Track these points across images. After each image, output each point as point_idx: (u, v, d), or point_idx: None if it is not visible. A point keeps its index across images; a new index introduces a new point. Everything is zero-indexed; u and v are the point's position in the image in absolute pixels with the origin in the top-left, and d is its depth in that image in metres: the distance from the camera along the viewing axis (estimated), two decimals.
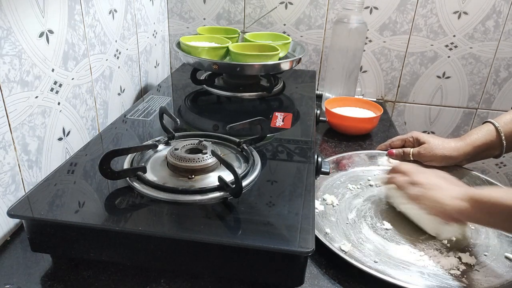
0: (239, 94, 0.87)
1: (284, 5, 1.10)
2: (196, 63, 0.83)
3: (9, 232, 0.58)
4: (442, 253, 0.56)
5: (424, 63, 1.14)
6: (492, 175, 1.25)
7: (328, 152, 0.84)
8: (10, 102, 0.56)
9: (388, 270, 0.52)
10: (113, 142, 0.65)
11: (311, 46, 1.15)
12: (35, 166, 0.63)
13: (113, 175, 0.51)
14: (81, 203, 0.49)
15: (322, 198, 0.67)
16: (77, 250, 0.48)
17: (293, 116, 0.78)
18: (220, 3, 1.13)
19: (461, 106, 1.18)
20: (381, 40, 1.12)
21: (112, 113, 0.87)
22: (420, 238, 0.59)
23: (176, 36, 1.19)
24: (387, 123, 1.02)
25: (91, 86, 0.78)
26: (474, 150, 0.72)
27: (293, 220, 0.47)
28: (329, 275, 0.52)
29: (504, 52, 1.09)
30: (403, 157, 0.77)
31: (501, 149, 0.71)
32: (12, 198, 0.58)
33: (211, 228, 0.46)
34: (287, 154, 0.64)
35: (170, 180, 0.53)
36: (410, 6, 1.07)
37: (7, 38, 0.55)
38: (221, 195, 0.50)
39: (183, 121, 0.76)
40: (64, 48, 0.67)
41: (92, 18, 0.76)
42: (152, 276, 0.50)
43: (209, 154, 0.55)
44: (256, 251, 0.44)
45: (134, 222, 0.46)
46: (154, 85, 1.11)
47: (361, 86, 1.19)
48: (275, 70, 0.84)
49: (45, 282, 0.49)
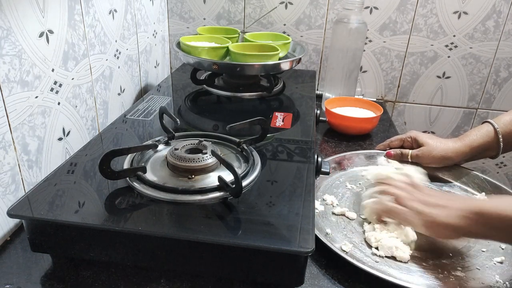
0: (239, 94, 0.87)
1: (284, 5, 1.10)
2: (196, 63, 0.83)
3: (9, 232, 0.58)
4: (442, 253, 0.56)
5: (424, 63, 1.14)
6: (492, 175, 1.24)
7: (328, 152, 0.84)
8: (10, 102, 0.56)
9: (389, 270, 0.52)
10: (113, 142, 0.65)
11: (311, 46, 1.15)
12: (35, 166, 0.63)
13: (113, 175, 0.51)
14: (81, 203, 0.49)
15: (322, 198, 0.67)
16: (77, 250, 0.48)
17: (293, 116, 0.78)
18: (220, 3, 1.13)
19: (461, 106, 1.18)
20: (381, 40, 1.12)
21: (112, 113, 0.87)
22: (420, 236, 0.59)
23: (176, 36, 1.19)
24: (387, 123, 1.02)
25: (91, 86, 0.78)
26: (472, 151, 0.72)
27: (293, 220, 0.47)
28: (329, 275, 0.52)
29: (504, 52, 1.09)
30: (401, 157, 0.77)
31: (497, 150, 0.71)
32: (12, 198, 0.58)
33: (211, 228, 0.46)
34: (287, 154, 0.64)
35: (170, 180, 0.53)
36: (410, 6, 1.07)
37: (7, 38, 0.55)
38: (221, 195, 0.50)
39: (183, 121, 0.76)
40: (64, 48, 0.67)
41: (92, 18, 0.76)
42: (152, 276, 0.50)
43: (209, 154, 0.55)
44: (256, 251, 0.44)
45: (134, 222, 0.46)
46: (154, 85, 1.11)
47: (361, 86, 1.19)
48: (275, 70, 0.84)
49: (45, 282, 0.49)
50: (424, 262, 0.54)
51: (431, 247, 0.57)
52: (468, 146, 0.72)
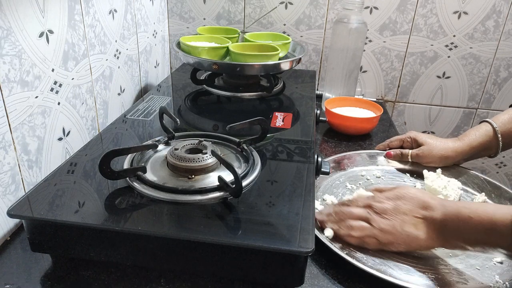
0: (239, 94, 0.87)
1: (284, 5, 1.10)
2: (196, 63, 0.83)
3: (9, 232, 0.58)
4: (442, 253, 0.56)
5: (424, 63, 1.14)
6: (492, 175, 1.25)
7: (328, 152, 0.84)
8: (10, 102, 0.56)
9: (388, 270, 0.52)
10: (113, 142, 0.65)
11: (311, 46, 1.15)
12: (35, 166, 0.63)
13: (113, 175, 0.51)
14: (81, 203, 0.49)
15: (322, 198, 0.67)
16: (77, 250, 0.48)
17: (293, 116, 0.78)
18: (220, 3, 1.13)
19: (461, 106, 1.18)
20: (381, 40, 1.12)
21: (112, 113, 0.87)
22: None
23: (176, 36, 1.19)
24: (387, 123, 1.02)
25: (91, 86, 0.78)
26: (472, 150, 0.72)
27: (293, 220, 0.47)
28: (329, 275, 0.52)
29: (504, 52, 1.09)
30: (401, 158, 0.78)
31: (496, 149, 0.72)
32: (12, 198, 0.58)
33: (211, 228, 0.46)
34: (287, 154, 0.64)
35: (170, 180, 0.53)
36: (410, 6, 1.07)
37: (7, 38, 0.55)
38: (221, 195, 0.50)
39: (183, 121, 0.76)
40: (64, 48, 0.67)
41: (92, 18, 0.76)
42: (152, 276, 0.50)
43: (209, 154, 0.55)
44: (256, 251, 0.44)
45: (134, 222, 0.46)
46: (154, 85, 1.11)
47: (361, 86, 1.19)
48: (275, 70, 0.84)
49: (45, 282, 0.49)
50: (424, 262, 0.54)
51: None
52: (468, 145, 0.72)
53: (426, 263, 0.54)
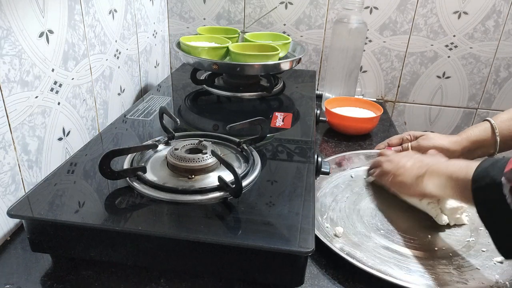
0: (239, 94, 0.87)
1: (284, 5, 1.10)
2: (196, 63, 0.83)
3: (9, 232, 0.58)
4: (442, 253, 0.56)
5: (424, 63, 1.14)
6: None
7: (328, 152, 0.84)
8: (10, 102, 0.56)
9: (388, 270, 0.52)
10: (113, 142, 0.65)
11: (311, 46, 1.15)
12: (35, 166, 0.63)
13: (113, 175, 0.51)
14: (81, 203, 0.49)
15: (322, 199, 0.66)
16: (77, 250, 0.48)
17: (293, 116, 0.78)
18: (220, 3, 1.13)
19: (461, 106, 1.18)
20: (381, 40, 1.12)
21: (112, 113, 0.87)
22: (420, 236, 0.59)
23: (176, 36, 1.19)
24: (387, 123, 1.02)
25: (91, 86, 0.78)
26: (470, 145, 0.73)
27: (293, 220, 0.47)
28: (329, 275, 0.52)
29: (504, 52, 1.09)
30: (402, 151, 0.78)
31: (495, 146, 0.72)
32: (12, 198, 0.58)
33: (211, 228, 0.46)
34: (287, 154, 0.64)
35: (170, 180, 0.53)
36: (410, 6, 1.07)
37: (7, 38, 0.55)
38: (221, 195, 0.50)
39: (183, 121, 0.76)
40: (64, 48, 0.67)
41: (92, 18, 0.76)
42: (152, 276, 0.50)
43: (209, 154, 0.55)
44: (256, 251, 0.44)
45: (134, 222, 0.46)
46: (154, 85, 1.11)
47: (361, 86, 1.19)
48: (275, 70, 0.84)
49: (45, 282, 0.49)
50: (424, 262, 0.54)
51: (431, 247, 0.57)
52: (467, 139, 0.74)
53: (426, 263, 0.54)
